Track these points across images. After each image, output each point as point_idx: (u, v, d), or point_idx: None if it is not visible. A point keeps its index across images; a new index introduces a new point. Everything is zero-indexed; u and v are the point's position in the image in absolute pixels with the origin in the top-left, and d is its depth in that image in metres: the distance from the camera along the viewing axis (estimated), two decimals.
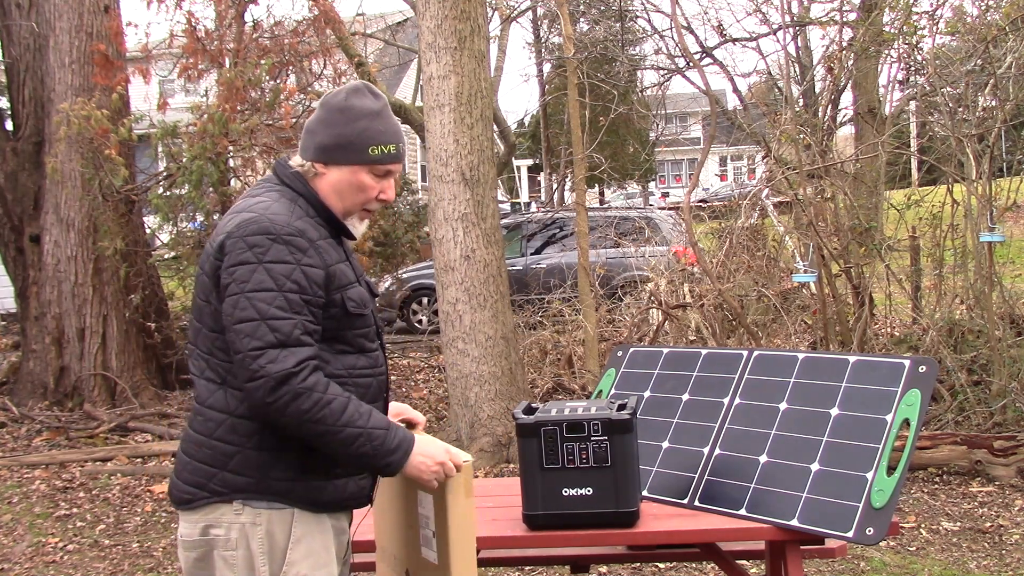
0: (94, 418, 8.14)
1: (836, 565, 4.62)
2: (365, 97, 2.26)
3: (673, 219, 12.38)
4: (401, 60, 19.97)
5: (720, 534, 2.86)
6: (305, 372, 2.03)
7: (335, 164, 2.23)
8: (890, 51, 8.23)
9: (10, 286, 9.43)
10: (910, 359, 2.89)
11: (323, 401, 2.03)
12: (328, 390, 2.05)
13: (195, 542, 2.17)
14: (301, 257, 2.09)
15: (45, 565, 5.18)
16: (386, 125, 2.26)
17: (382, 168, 2.25)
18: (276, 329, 2.03)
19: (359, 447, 2.07)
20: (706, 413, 3.13)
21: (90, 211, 8.51)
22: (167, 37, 9.26)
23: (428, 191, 6.99)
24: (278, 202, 2.18)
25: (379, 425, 2.11)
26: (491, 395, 6.57)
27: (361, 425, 2.07)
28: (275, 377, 2.00)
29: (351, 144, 2.22)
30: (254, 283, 2.05)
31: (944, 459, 5.97)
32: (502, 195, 23.47)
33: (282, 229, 2.09)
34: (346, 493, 2.22)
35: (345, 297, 2.17)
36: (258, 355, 2.02)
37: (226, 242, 2.10)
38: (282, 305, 2.05)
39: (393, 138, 2.26)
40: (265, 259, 2.07)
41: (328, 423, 2.04)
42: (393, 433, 2.13)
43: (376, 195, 2.27)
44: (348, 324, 2.18)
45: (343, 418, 2.05)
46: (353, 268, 2.29)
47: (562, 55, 13.35)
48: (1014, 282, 8.48)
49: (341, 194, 2.24)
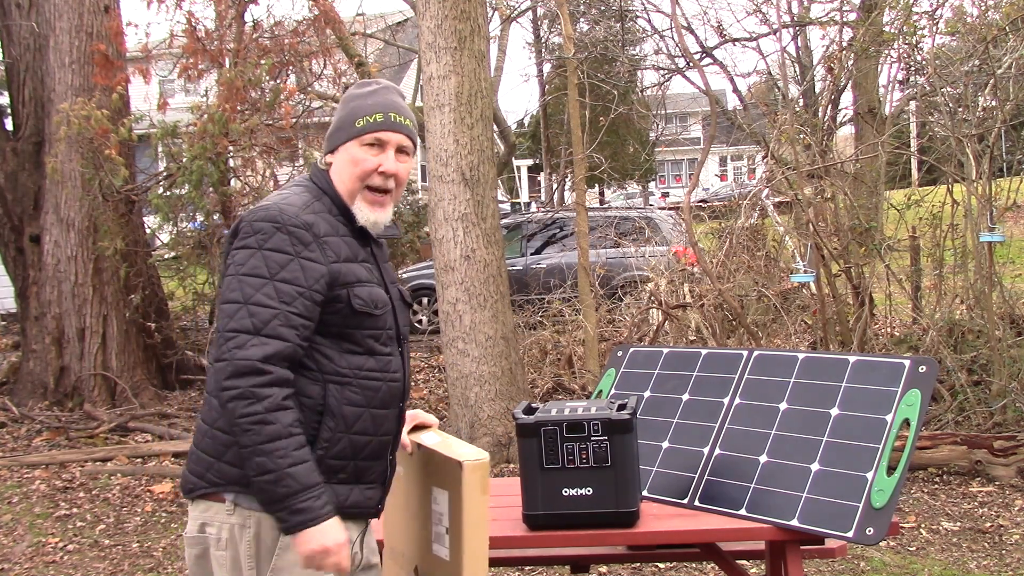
0: (94, 418, 8.14)
1: (836, 565, 4.62)
2: (365, 85, 2.30)
3: (673, 219, 12.37)
4: (401, 60, 19.96)
5: (720, 534, 2.86)
6: (268, 378, 2.00)
7: (334, 149, 2.26)
8: (890, 51, 8.24)
9: (10, 286, 9.43)
10: (910, 359, 2.89)
11: (262, 417, 1.98)
12: (277, 410, 1.99)
13: (194, 538, 2.18)
14: (302, 249, 2.09)
15: (45, 565, 5.18)
16: (376, 99, 2.25)
17: (370, 136, 2.22)
18: (255, 315, 2.03)
19: (266, 481, 2.00)
20: (706, 413, 3.13)
21: (90, 211, 8.51)
22: (167, 37, 9.26)
23: (428, 191, 6.98)
24: (299, 195, 2.20)
25: (300, 479, 2.00)
26: (491, 395, 6.57)
27: (280, 466, 1.98)
28: (235, 364, 2.00)
29: (342, 124, 2.25)
30: (248, 267, 2.07)
31: (944, 459, 5.97)
32: (502, 195, 23.45)
33: (288, 220, 2.10)
34: (347, 501, 2.16)
35: (351, 294, 2.14)
36: (231, 337, 2.02)
37: (239, 226, 2.13)
38: (269, 293, 2.04)
39: (381, 107, 2.23)
40: (265, 246, 2.07)
41: (252, 440, 1.98)
42: (307, 497, 2.00)
43: (374, 168, 2.23)
44: (356, 323, 2.16)
45: (268, 445, 1.98)
46: (378, 269, 2.27)
47: (562, 55, 13.36)
48: (1014, 282, 8.48)
49: (341, 176, 2.25)
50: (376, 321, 2.20)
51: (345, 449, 2.15)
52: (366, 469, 2.21)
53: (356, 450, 2.17)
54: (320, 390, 2.12)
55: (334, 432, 2.13)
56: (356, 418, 2.16)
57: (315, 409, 2.12)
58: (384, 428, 2.23)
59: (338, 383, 2.14)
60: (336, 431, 2.13)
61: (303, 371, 2.11)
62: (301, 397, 2.10)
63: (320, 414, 2.12)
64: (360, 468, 2.19)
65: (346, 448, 2.15)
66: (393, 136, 2.24)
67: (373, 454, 2.22)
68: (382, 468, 2.27)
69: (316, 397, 2.12)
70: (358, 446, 2.17)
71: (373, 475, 2.24)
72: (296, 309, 2.06)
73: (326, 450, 2.12)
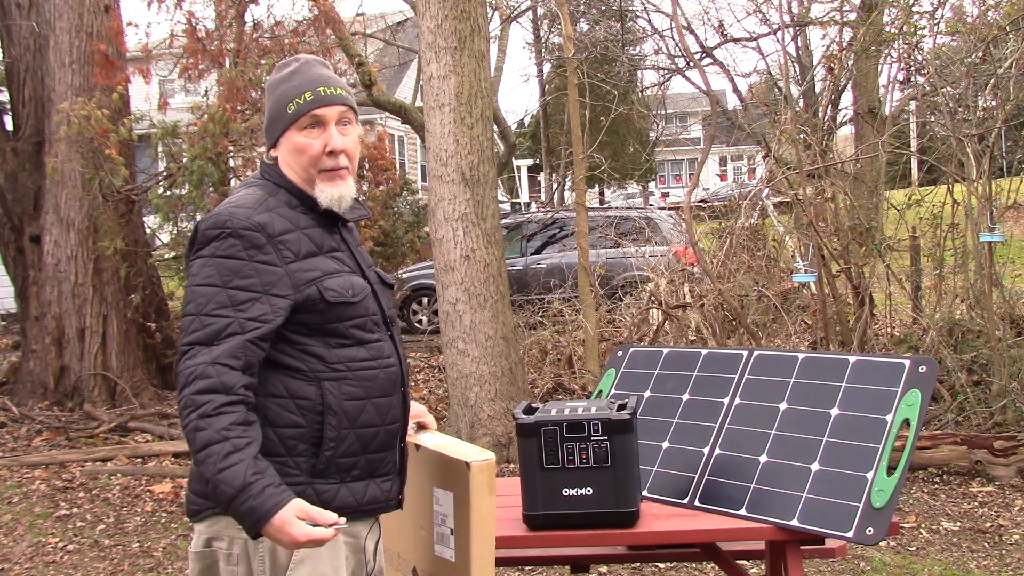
0: (94, 418, 8.14)
1: (836, 565, 4.62)
2: (284, 67, 2.22)
3: (673, 219, 12.37)
4: (401, 60, 19.95)
5: (720, 534, 2.85)
6: (207, 383, 1.95)
7: (275, 142, 2.20)
8: (890, 51, 8.24)
9: (10, 286, 9.43)
10: (910, 359, 2.89)
11: (196, 424, 1.94)
12: (213, 415, 1.93)
13: (200, 553, 2.13)
14: (255, 253, 2.04)
15: (45, 565, 5.18)
16: (299, 79, 2.16)
17: (305, 119, 2.14)
18: (208, 326, 1.99)
19: (210, 490, 1.96)
20: (706, 413, 3.13)
21: (90, 211, 8.51)
22: (167, 37, 9.26)
23: (428, 191, 6.99)
24: (252, 195, 2.14)
25: (231, 482, 1.91)
26: (491, 395, 6.57)
27: (212, 472, 1.92)
28: (184, 375, 1.97)
29: (274, 114, 2.19)
30: (202, 277, 2.04)
31: (944, 459, 5.97)
32: (502, 195, 23.45)
33: (239, 223, 2.05)
34: (365, 497, 2.14)
35: (322, 288, 2.09)
36: (186, 351, 2.00)
37: (194, 235, 2.10)
38: (223, 301, 2.00)
39: (307, 85, 2.15)
40: (217, 253, 2.03)
41: (193, 449, 1.96)
42: (245, 498, 1.91)
43: (320, 151, 2.15)
44: (336, 315, 2.11)
45: (202, 453, 1.94)
46: (351, 254, 2.23)
47: (562, 55, 13.35)
48: (1014, 282, 8.48)
49: (291, 166, 2.18)
50: (357, 309, 2.14)
51: (353, 445, 2.11)
52: (379, 462, 2.17)
53: (365, 444, 2.13)
54: (316, 390, 2.08)
55: (338, 430, 2.08)
56: (359, 411, 2.11)
57: (315, 410, 2.07)
58: (390, 416, 2.18)
59: (333, 379, 2.09)
60: (341, 428, 2.08)
61: (295, 374, 2.08)
62: (298, 400, 2.07)
63: (321, 414, 2.07)
64: (372, 462, 2.15)
65: (354, 444, 2.11)
66: (329, 111, 2.15)
67: (383, 445, 2.17)
68: (394, 458, 2.22)
69: (313, 398, 2.07)
70: (366, 439, 2.13)
71: (387, 466, 2.19)
72: (251, 314, 2.01)
73: (334, 449, 2.08)
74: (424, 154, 6.85)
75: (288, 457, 2.06)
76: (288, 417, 2.07)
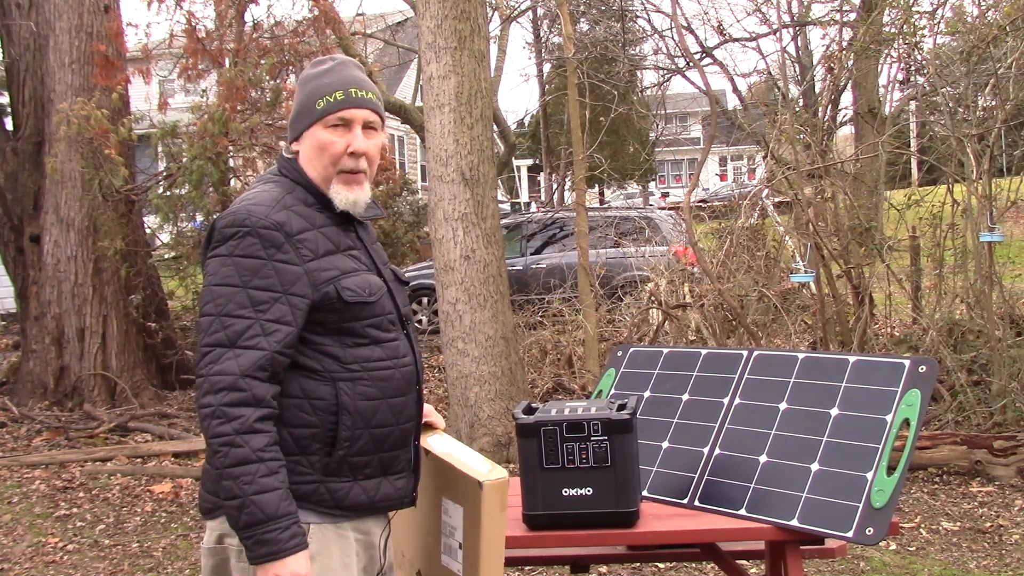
0: (94, 418, 8.14)
1: (836, 565, 4.62)
2: (321, 63, 2.21)
3: (673, 219, 12.38)
4: (401, 60, 19.96)
5: (720, 534, 2.85)
6: (241, 396, 1.93)
7: (299, 136, 2.18)
8: (890, 51, 8.23)
9: (10, 286, 9.44)
10: (910, 359, 2.89)
11: (231, 439, 1.92)
12: (248, 433, 1.92)
13: (212, 550, 2.11)
14: (274, 252, 2.01)
15: (45, 565, 5.18)
16: (334, 76, 2.15)
17: (334, 117, 2.12)
18: (228, 327, 1.96)
19: (232, 506, 1.93)
20: (706, 413, 3.13)
21: (90, 211, 8.51)
22: (167, 37, 9.26)
23: (428, 191, 6.99)
24: (269, 192, 2.11)
25: (265, 508, 1.91)
26: (491, 395, 6.57)
27: (245, 492, 1.91)
28: (210, 380, 1.94)
29: (303, 108, 2.16)
30: (220, 277, 2.01)
31: (944, 459, 5.97)
32: (502, 195, 23.46)
33: (258, 222, 2.02)
34: (378, 495, 2.13)
35: (339, 288, 2.07)
36: (206, 352, 1.97)
37: (211, 233, 2.07)
38: (242, 302, 1.98)
39: (340, 84, 2.13)
40: (236, 252, 2.01)
41: (220, 462, 1.92)
42: (272, 529, 1.91)
43: (343, 150, 2.13)
44: (353, 315, 2.09)
45: (235, 470, 1.91)
46: (367, 253, 2.21)
47: (562, 55, 13.35)
48: (1014, 282, 8.48)
49: (311, 163, 2.15)
50: (373, 308, 2.12)
51: (367, 444, 2.10)
52: (392, 460, 2.16)
53: (378, 443, 2.12)
54: (331, 390, 2.06)
55: (352, 429, 2.07)
56: (374, 412, 2.10)
57: (329, 410, 2.06)
58: (405, 415, 2.17)
59: (348, 379, 2.08)
60: (355, 428, 2.07)
61: (310, 374, 2.06)
62: (312, 400, 2.05)
63: (335, 414, 2.06)
64: (385, 460, 2.14)
65: (368, 443, 2.10)
66: (358, 113, 2.14)
67: (397, 444, 2.16)
68: (408, 456, 2.21)
69: (328, 398, 2.06)
70: (379, 439, 2.12)
71: (400, 464, 2.18)
72: (272, 315, 1.99)
73: (347, 448, 2.07)
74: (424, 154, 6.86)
75: (301, 456, 2.05)
76: (302, 417, 2.06)
